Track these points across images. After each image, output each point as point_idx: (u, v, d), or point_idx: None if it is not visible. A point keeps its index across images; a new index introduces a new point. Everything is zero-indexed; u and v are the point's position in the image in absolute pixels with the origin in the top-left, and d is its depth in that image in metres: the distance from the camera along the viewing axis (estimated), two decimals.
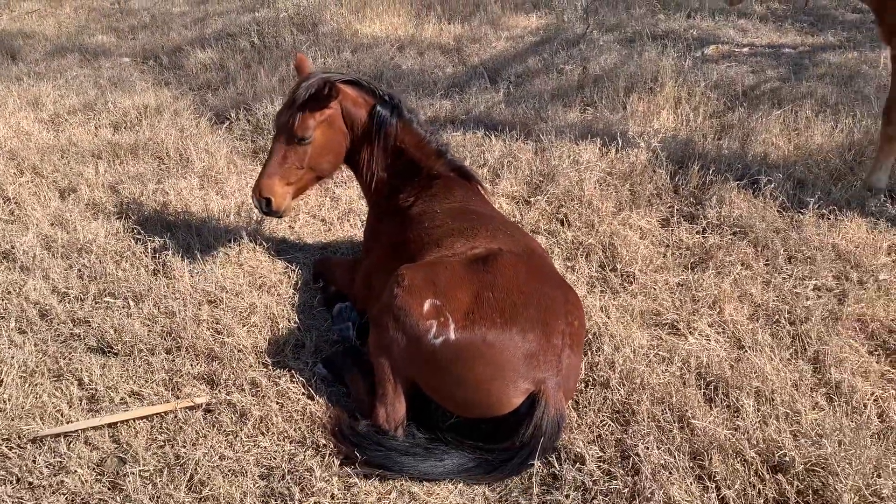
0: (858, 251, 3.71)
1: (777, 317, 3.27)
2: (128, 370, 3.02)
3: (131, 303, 3.39)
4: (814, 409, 2.71)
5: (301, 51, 6.66)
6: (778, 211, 4.07)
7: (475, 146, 4.92)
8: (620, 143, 4.61)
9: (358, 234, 4.10)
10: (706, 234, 3.88)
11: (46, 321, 3.34)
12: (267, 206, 3.32)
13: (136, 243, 3.89)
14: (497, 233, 2.95)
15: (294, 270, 3.68)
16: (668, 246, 3.84)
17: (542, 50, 6.92)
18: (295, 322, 3.31)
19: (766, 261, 3.67)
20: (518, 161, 4.59)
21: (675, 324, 3.23)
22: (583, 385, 2.87)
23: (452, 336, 2.49)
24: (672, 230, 3.95)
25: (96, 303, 3.43)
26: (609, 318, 3.23)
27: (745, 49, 7.40)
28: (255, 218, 4.16)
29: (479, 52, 7.14)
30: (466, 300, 2.57)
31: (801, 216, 3.98)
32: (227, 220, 4.13)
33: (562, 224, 4.01)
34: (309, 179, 3.42)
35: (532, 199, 4.19)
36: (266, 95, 5.59)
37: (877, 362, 3.01)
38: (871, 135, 4.84)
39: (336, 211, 4.36)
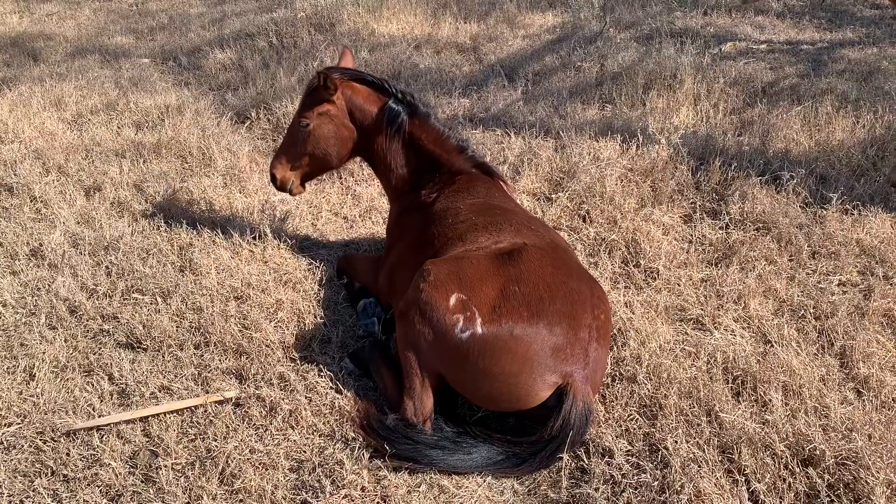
0: (883, 246, 3.69)
1: (802, 312, 3.27)
2: (157, 365, 3.06)
3: (159, 299, 3.43)
4: (842, 403, 2.71)
5: (320, 50, 6.70)
6: (801, 206, 4.06)
7: (495, 143, 4.94)
8: (641, 139, 4.60)
9: (380, 231, 4.13)
10: (729, 230, 3.88)
11: (76, 317, 3.38)
12: (273, 182, 3.62)
13: (162, 241, 3.93)
14: (521, 228, 2.96)
15: (318, 267, 3.71)
16: (690, 242, 3.84)
17: (560, 48, 6.92)
18: (321, 317, 3.34)
19: (791, 256, 3.66)
20: (538, 158, 4.60)
21: (700, 319, 3.23)
22: (609, 380, 2.88)
23: (479, 330, 2.51)
24: (695, 226, 3.95)
25: (125, 299, 3.47)
26: (634, 313, 3.24)
27: (763, 46, 7.37)
28: (278, 215, 4.19)
29: (496, 50, 7.14)
30: (493, 294, 2.59)
31: (825, 212, 3.97)
32: (251, 218, 4.17)
33: (584, 220, 4.02)
34: (313, 165, 3.59)
35: (553, 196, 4.20)
36: (285, 95, 5.62)
37: None
38: (894, 130, 4.82)
39: (357, 208, 4.38)
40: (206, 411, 2.80)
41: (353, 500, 2.43)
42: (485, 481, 2.52)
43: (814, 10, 8.44)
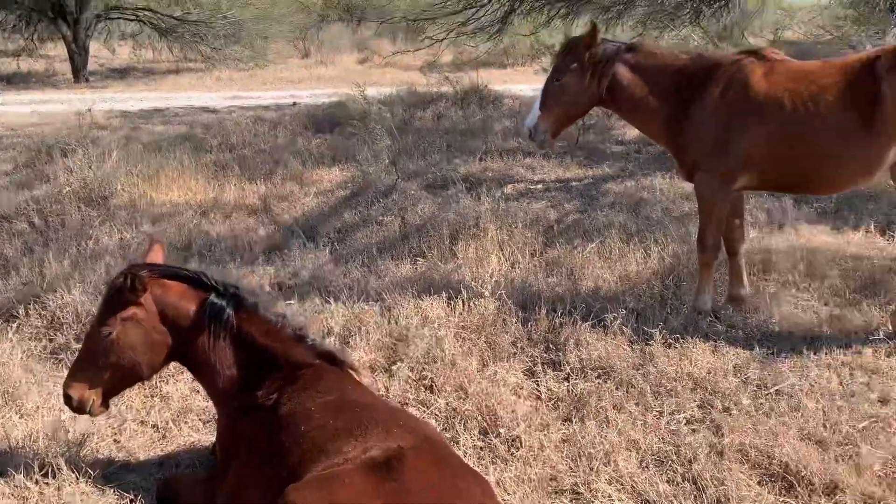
0: (712, 377, 3.86)
1: (666, 460, 3.25)
2: None
3: None
4: None
5: (94, 227, 6.03)
6: (629, 345, 4.18)
7: (315, 313, 4.62)
8: (465, 294, 4.55)
9: (203, 438, 3.56)
10: (573, 380, 3.85)
11: None
12: (68, 403, 3.00)
13: None
14: (390, 426, 2.65)
15: (130, 499, 3.06)
16: (539, 398, 3.75)
17: (356, 203, 6.88)
18: None
19: (636, 401, 3.69)
20: (366, 325, 4.35)
21: (576, 488, 3.08)
22: None
23: None
24: (539, 381, 3.88)
25: None
26: (508, 493, 3.01)
27: (539, 186, 7.93)
28: (72, 439, 3.46)
29: (290, 209, 6.94)
30: None
31: (650, 348, 4.11)
32: (36, 447, 3.39)
33: (430, 391, 3.79)
34: (119, 379, 3.05)
35: (393, 368, 3.94)
36: (59, 283, 4.88)
37: (769, 493, 3.05)
38: (680, 258, 5.25)
39: (168, 412, 3.77)
40: None
41: None
42: None
43: (572, 149, 9.33)
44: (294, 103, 14.00)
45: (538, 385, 3.85)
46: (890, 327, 4.27)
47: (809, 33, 14.95)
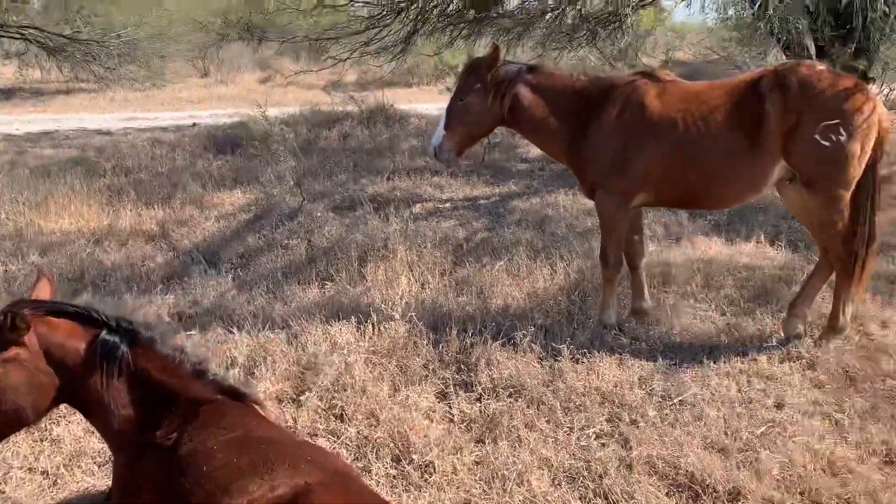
0: (619, 390, 3.94)
1: (578, 476, 3.27)
2: None
3: None
4: None
5: None
6: (538, 362, 4.21)
7: (218, 344, 4.44)
8: (375, 317, 4.49)
9: (97, 483, 3.34)
10: (485, 401, 3.84)
11: None
12: None
13: None
14: (297, 461, 2.54)
15: None
16: (452, 421, 3.73)
17: (260, 226, 6.71)
18: None
19: (547, 418, 3.72)
20: (272, 354, 4.21)
21: None
22: None
23: None
24: (451, 403, 3.85)
25: None
26: None
27: (447, 204, 7.96)
28: None
29: (189, 235, 6.68)
30: None
31: (559, 363, 4.16)
32: None
33: (340, 420, 3.69)
34: (2, 424, 2.78)
35: (301, 398, 3.82)
36: None
37: (677, 503, 3.12)
38: (584, 273, 5.36)
39: (60, 456, 3.53)
40: None
41: None
42: None
43: (478, 168, 9.43)
44: (193, 124, 13.59)
45: (450, 407, 3.82)
46: (781, 334, 4.48)
47: (698, 53, 15.72)
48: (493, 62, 4.54)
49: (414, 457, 3.37)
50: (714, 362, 4.22)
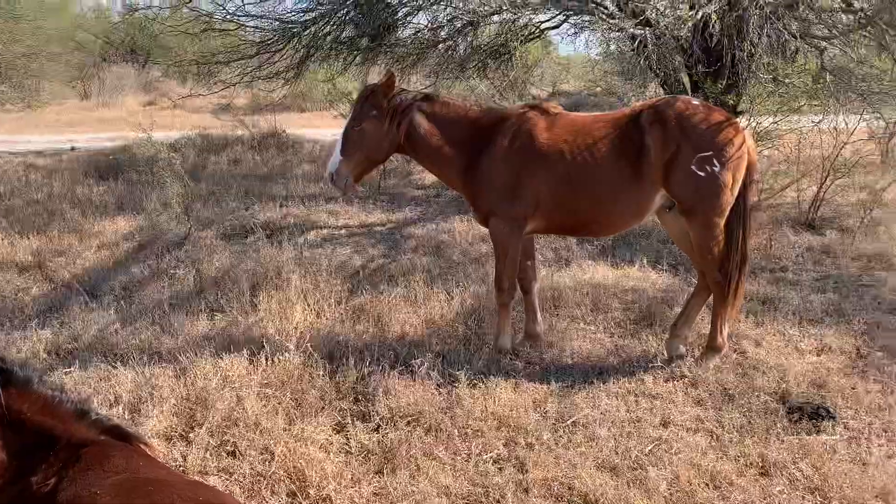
0: (515, 414, 4.00)
1: (476, 503, 3.29)
2: None
3: None
4: None
5: None
6: (436, 389, 4.23)
7: (100, 381, 4.21)
8: (268, 349, 4.37)
9: None
10: (383, 431, 3.81)
11: None
12: None
13: None
14: (187, 503, 2.44)
15: None
16: (349, 453, 3.67)
17: (145, 256, 6.44)
18: None
19: (445, 445, 3.73)
20: (159, 390, 4.02)
21: None
22: None
23: None
24: (348, 434, 3.80)
25: None
26: None
27: (343, 231, 7.91)
28: None
29: (68, 265, 6.33)
30: None
31: (457, 390, 4.19)
32: None
33: (233, 456, 3.56)
34: None
35: (191, 435, 3.66)
36: None
37: None
38: (480, 298, 5.45)
39: None
40: None
41: None
42: None
43: (375, 194, 9.43)
44: (72, 148, 12.92)
45: (348, 439, 3.77)
46: (665, 354, 4.69)
47: (583, 85, 16.44)
48: (388, 89, 4.58)
49: (310, 491, 3.30)
50: (604, 383, 4.36)
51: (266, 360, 4.32)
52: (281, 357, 4.32)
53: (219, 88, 9.84)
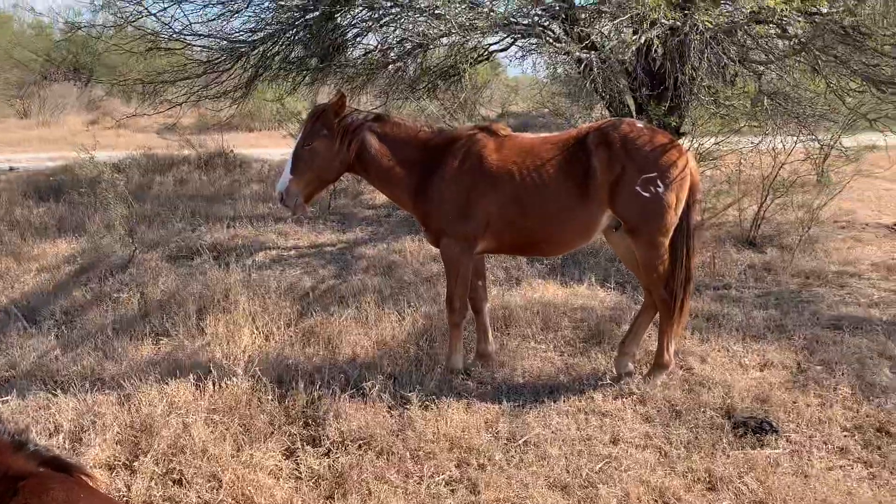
0: (466, 435, 4.00)
1: None
2: None
3: None
4: None
5: None
6: (388, 411, 4.20)
7: (39, 409, 4.07)
8: (215, 373, 4.29)
9: None
10: (334, 455, 3.77)
11: None
12: None
13: None
14: None
15: None
16: (299, 478, 3.61)
17: (87, 279, 6.26)
18: None
19: (397, 468, 3.70)
20: (102, 418, 3.91)
21: None
22: None
23: None
24: (298, 460, 3.74)
25: None
26: None
27: (292, 252, 7.83)
28: None
29: (5, 290, 6.13)
30: None
31: (409, 412, 4.17)
32: None
33: (179, 484, 3.47)
34: None
35: (135, 463, 3.56)
36: None
37: None
38: (431, 318, 5.45)
39: None
40: None
41: None
42: None
43: (325, 214, 9.37)
44: (10, 168, 12.52)
45: (298, 464, 3.70)
46: (614, 372, 4.76)
47: (531, 106, 16.67)
48: (339, 108, 4.57)
49: None
50: (555, 402, 4.40)
51: (213, 385, 4.23)
52: (228, 382, 4.25)
53: (164, 108, 9.67)
